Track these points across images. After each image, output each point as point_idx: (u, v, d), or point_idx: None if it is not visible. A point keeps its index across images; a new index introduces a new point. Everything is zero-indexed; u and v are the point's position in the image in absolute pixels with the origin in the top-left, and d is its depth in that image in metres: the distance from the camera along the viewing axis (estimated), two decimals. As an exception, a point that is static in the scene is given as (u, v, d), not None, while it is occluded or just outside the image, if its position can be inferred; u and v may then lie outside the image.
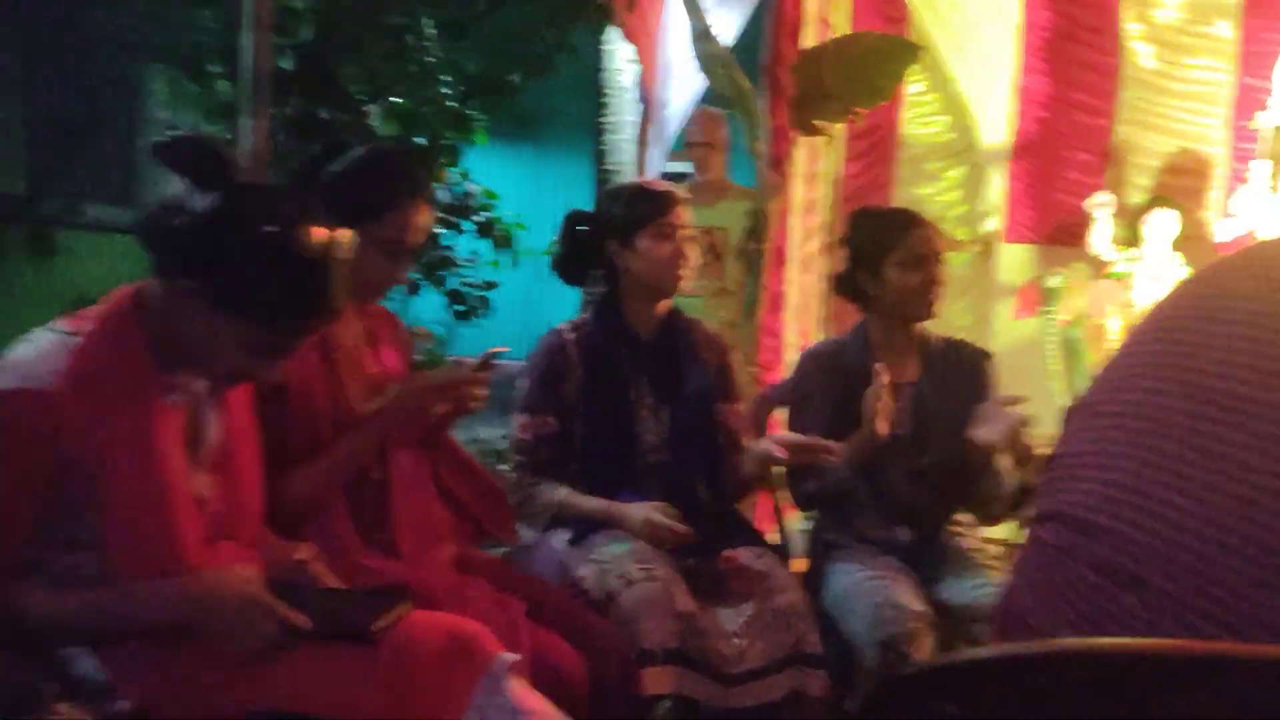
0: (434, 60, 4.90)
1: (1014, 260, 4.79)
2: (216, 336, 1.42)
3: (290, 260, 1.39)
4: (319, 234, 1.42)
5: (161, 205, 1.41)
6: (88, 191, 6.32)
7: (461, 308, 6.09)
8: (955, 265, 2.43)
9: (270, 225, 1.38)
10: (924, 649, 1.94)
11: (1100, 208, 4.45)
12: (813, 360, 2.39)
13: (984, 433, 2.10)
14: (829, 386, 2.31)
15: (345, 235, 1.46)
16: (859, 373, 2.28)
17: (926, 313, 2.33)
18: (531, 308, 7.93)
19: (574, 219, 2.32)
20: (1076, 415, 1.15)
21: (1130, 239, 4.51)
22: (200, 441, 1.53)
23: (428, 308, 6.05)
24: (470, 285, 6.17)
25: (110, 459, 1.38)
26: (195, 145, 1.42)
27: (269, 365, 1.49)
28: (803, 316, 4.28)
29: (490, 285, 6.25)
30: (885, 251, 2.30)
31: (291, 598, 1.45)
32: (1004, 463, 2.21)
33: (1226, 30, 4.37)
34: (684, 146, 4.40)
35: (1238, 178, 4.31)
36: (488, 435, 5.41)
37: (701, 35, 3.57)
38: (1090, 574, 0.95)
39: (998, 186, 4.76)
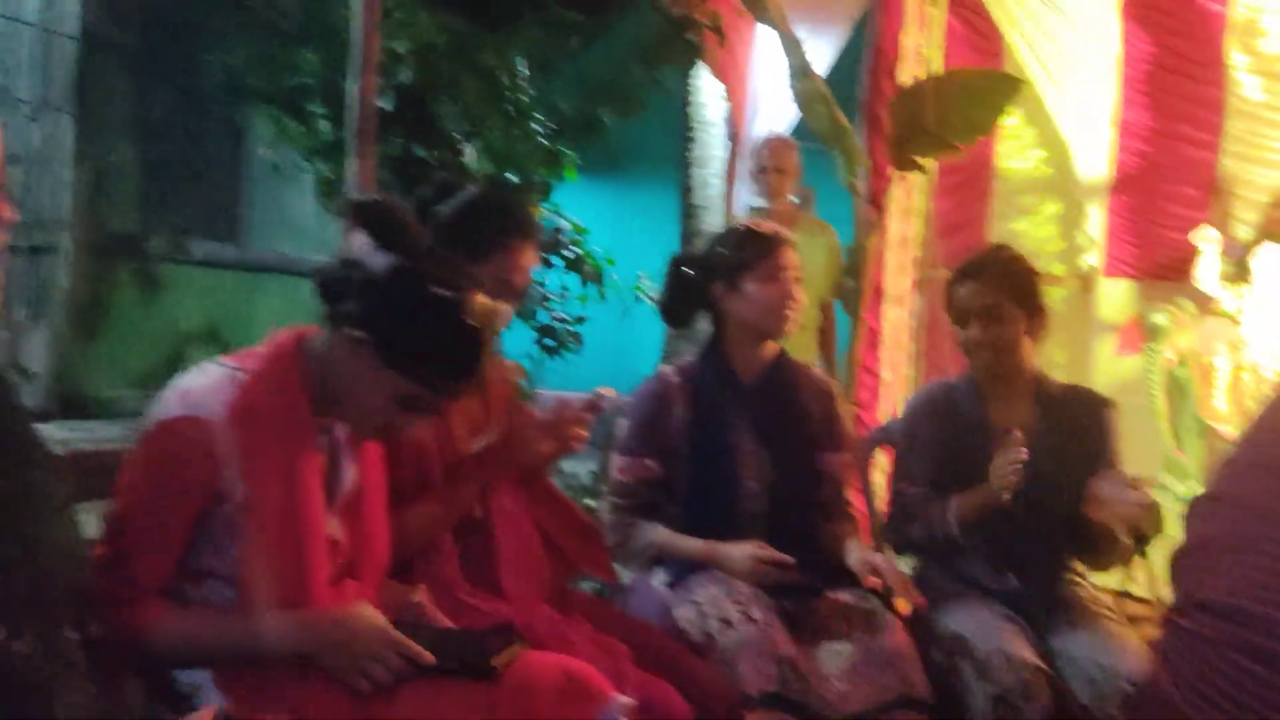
0: (527, 99, 4.98)
1: (1114, 296, 4.68)
2: (374, 388, 1.47)
3: (456, 325, 1.45)
4: (483, 303, 1.47)
5: (339, 259, 1.48)
6: (194, 229, 6.56)
7: (551, 342, 6.14)
8: (1053, 301, 2.32)
9: (443, 290, 1.44)
10: (1039, 703, 1.88)
11: (1206, 243, 4.32)
12: (923, 402, 2.34)
13: (1105, 513, 2.04)
14: (937, 430, 2.26)
15: (504, 307, 1.53)
16: (969, 417, 2.24)
17: (980, 371, 2.23)
18: (619, 342, 7.95)
19: (679, 262, 2.31)
20: (1201, 505, 1.14)
21: (1237, 275, 4.37)
22: (336, 485, 1.57)
23: (515, 342, 6.11)
24: (560, 320, 6.21)
25: (258, 492, 1.43)
26: (383, 208, 1.49)
27: (413, 421, 1.54)
28: (894, 352, 4.23)
29: (580, 320, 6.29)
30: (951, 297, 2.25)
31: (411, 636, 1.47)
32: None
33: (1335, 60, 4.24)
34: (755, 173, 4.24)
35: (1348, 212, 4.16)
36: (574, 469, 5.42)
37: (800, 72, 3.56)
38: (1243, 660, 0.93)
39: (1096, 221, 4.66)
